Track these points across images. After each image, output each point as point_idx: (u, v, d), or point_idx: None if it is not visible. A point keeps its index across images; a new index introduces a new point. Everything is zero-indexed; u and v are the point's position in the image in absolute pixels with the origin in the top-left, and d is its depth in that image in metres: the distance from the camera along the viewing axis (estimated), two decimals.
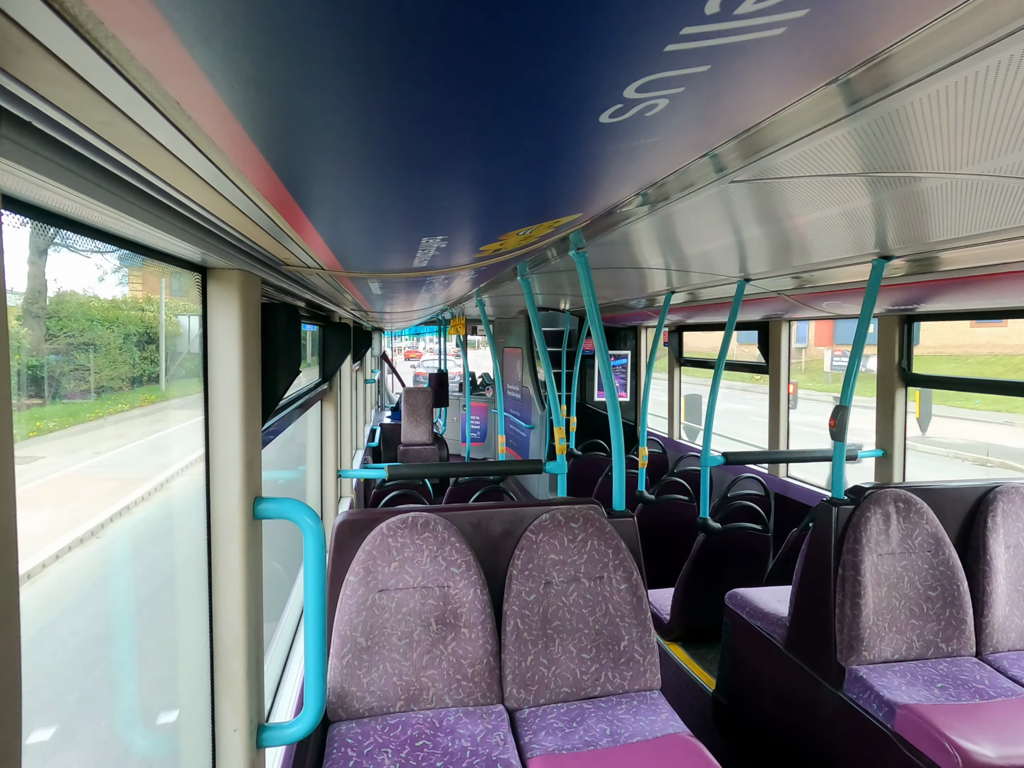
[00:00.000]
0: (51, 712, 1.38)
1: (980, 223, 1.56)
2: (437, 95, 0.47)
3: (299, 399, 2.30)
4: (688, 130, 0.71)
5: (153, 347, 1.62)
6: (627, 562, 2.09)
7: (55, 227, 0.69)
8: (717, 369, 3.50)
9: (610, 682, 2.00)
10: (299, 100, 0.47)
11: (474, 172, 0.72)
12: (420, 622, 1.93)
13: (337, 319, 3.32)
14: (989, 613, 2.29)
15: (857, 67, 0.68)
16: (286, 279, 1.49)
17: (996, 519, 2.35)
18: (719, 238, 2.07)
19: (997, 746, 1.75)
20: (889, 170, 1.17)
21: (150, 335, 1.58)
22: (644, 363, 6.53)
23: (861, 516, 2.26)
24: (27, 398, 1.16)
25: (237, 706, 1.23)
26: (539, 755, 1.70)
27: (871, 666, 2.16)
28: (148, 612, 1.79)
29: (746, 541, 3.27)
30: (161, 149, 0.56)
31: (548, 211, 1.03)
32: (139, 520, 1.76)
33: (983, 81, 0.76)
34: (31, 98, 0.43)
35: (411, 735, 1.76)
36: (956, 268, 2.15)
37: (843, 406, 2.38)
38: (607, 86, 0.49)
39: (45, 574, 1.35)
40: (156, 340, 1.60)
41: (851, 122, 0.92)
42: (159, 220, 0.74)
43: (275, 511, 1.29)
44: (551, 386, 3.20)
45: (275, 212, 0.83)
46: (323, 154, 0.61)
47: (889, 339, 3.36)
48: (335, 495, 3.45)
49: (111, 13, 0.34)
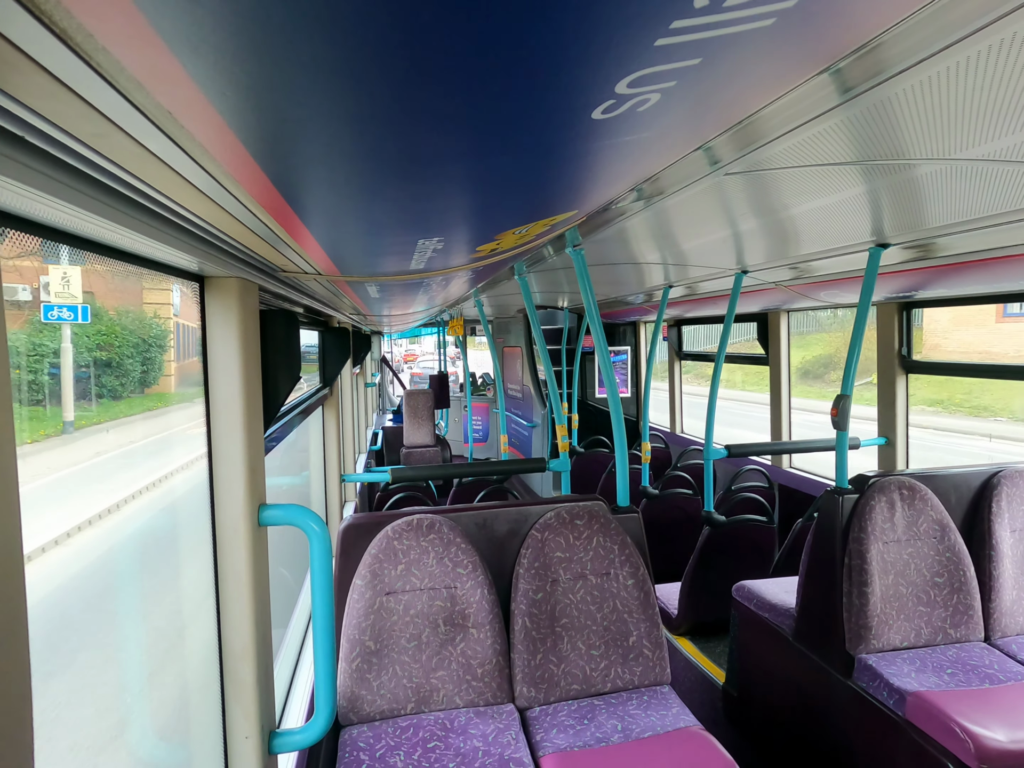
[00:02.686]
0: (61, 725, 1.38)
1: (975, 208, 1.56)
2: (428, 96, 0.47)
3: (300, 405, 2.30)
4: (681, 124, 0.71)
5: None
6: (633, 557, 2.09)
7: (50, 240, 0.69)
8: (717, 362, 3.49)
9: (620, 678, 2.00)
10: (290, 106, 0.47)
11: (468, 172, 0.72)
12: (428, 624, 1.93)
13: (336, 324, 3.32)
14: (996, 598, 2.29)
15: (848, 55, 0.68)
16: (284, 285, 1.49)
17: (1000, 503, 2.35)
18: (715, 231, 2.07)
19: (1008, 730, 1.75)
20: (883, 158, 1.17)
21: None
22: (644, 358, 6.53)
23: (866, 504, 2.26)
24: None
25: (248, 713, 1.23)
26: (551, 753, 1.70)
27: (880, 654, 2.16)
28: (157, 621, 1.79)
29: (751, 533, 3.27)
30: (154, 159, 0.56)
31: (543, 209, 1.03)
32: (138, 528, 1.76)
33: (974, 66, 0.76)
34: (22, 112, 0.43)
35: (423, 737, 1.76)
36: (953, 254, 2.15)
37: (844, 395, 2.38)
38: (599, 82, 0.49)
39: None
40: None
41: (844, 111, 0.92)
42: (155, 231, 0.74)
43: (280, 517, 1.29)
44: (552, 384, 3.19)
45: (270, 219, 0.83)
46: (316, 159, 0.61)
47: (888, 327, 3.35)
48: (339, 499, 3.45)
49: (100, 25, 0.34)
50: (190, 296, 1.22)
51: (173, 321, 1.68)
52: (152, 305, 1.60)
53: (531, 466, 3.17)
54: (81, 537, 1.35)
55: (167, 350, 1.69)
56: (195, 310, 1.21)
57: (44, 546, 1.28)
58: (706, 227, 2.01)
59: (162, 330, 1.64)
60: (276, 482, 3.42)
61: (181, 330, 1.71)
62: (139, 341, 1.53)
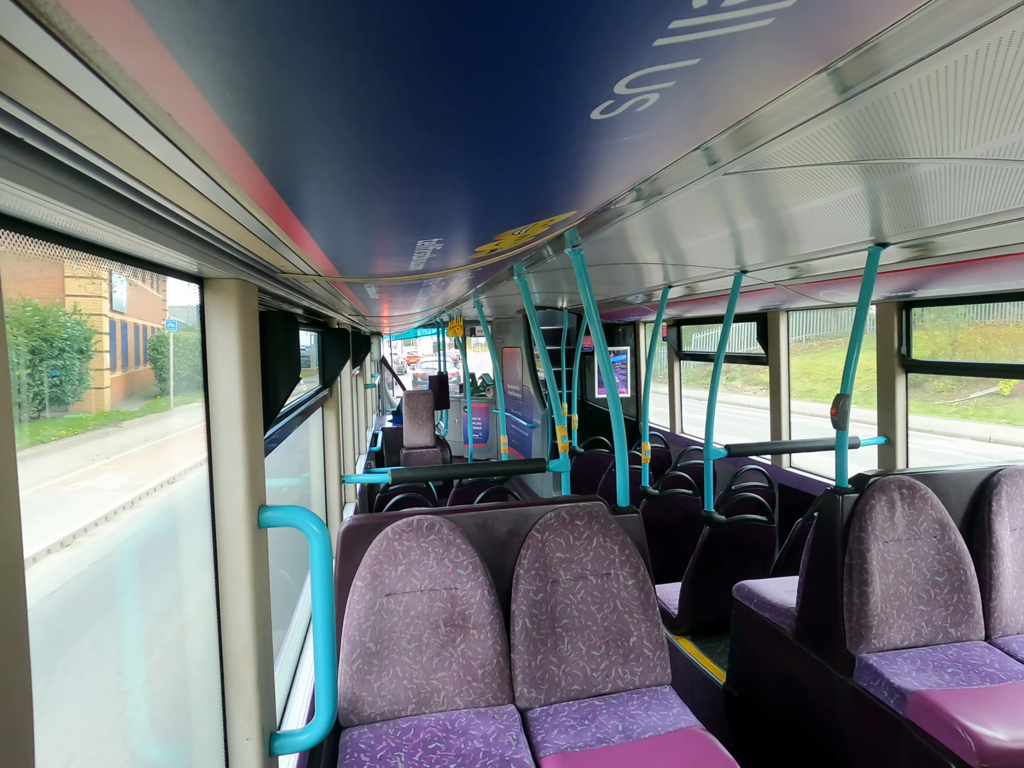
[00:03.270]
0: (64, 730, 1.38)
1: (974, 207, 1.56)
2: (427, 97, 0.47)
3: (300, 406, 2.30)
4: (680, 124, 0.71)
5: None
6: (633, 558, 2.09)
7: (50, 243, 0.69)
8: (717, 361, 3.50)
9: (620, 678, 2.00)
10: (289, 107, 0.47)
11: (467, 173, 0.72)
12: (429, 625, 1.93)
13: (335, 325, 3.32)
14: (997, 597, 2.29)
15: (846, 55, 0.68)
16: (283, 287, 1.49)
17: (1000, 502, 2.35)
18: (715, 231, 2.07)
19: (1010, 729, 1.75)
20: (882, 157, 1.17)
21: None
22: (644, 359, 6.54)
23: (866, 504, 2.26)
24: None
25: (249, 715, 1.23)
26: (552, 754, 1.70)
27: (881, 653, 2.16)
28: (157, 624, 1.79)
29: (751, 533, 3.27)
30: (154, 161, 0.56)
31: (542, 210, 1.03)
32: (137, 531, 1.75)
33: (972, 65, 0.76)
34: (21, 114, 0.43)
35: (423, 738, 1.76)
36: (952, 253, 2.15)
37: (844, 394, 2.38)
38: (597, 82, 0.49)
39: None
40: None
41: (842, 110, 0.92)
42: (154, 232, 0.74)
43: (280, 519, 1.29)
44: (551, 384, 3.19)
45: (270, 220, 0.83)
46: (316, 160, 0.61)
47: (888, 326, 3.36)
48: (339, 501, 3.45)
49: (100, 27, 0.34)
50: (146, 290, 1.08)
51: (109, 319, 1.38)
52: (75, 299, 1.27)
53: (531, 467, 3.17)
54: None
55: (91, 357, 1.35)
56: (150, 303, 1.12)
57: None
58: (705, 227, 2.01)
59: (85, 331, 1.31)
60: (276, 483, 3.43)
61: (127, 331, 1.44)
62: (41, 345, 1.19)
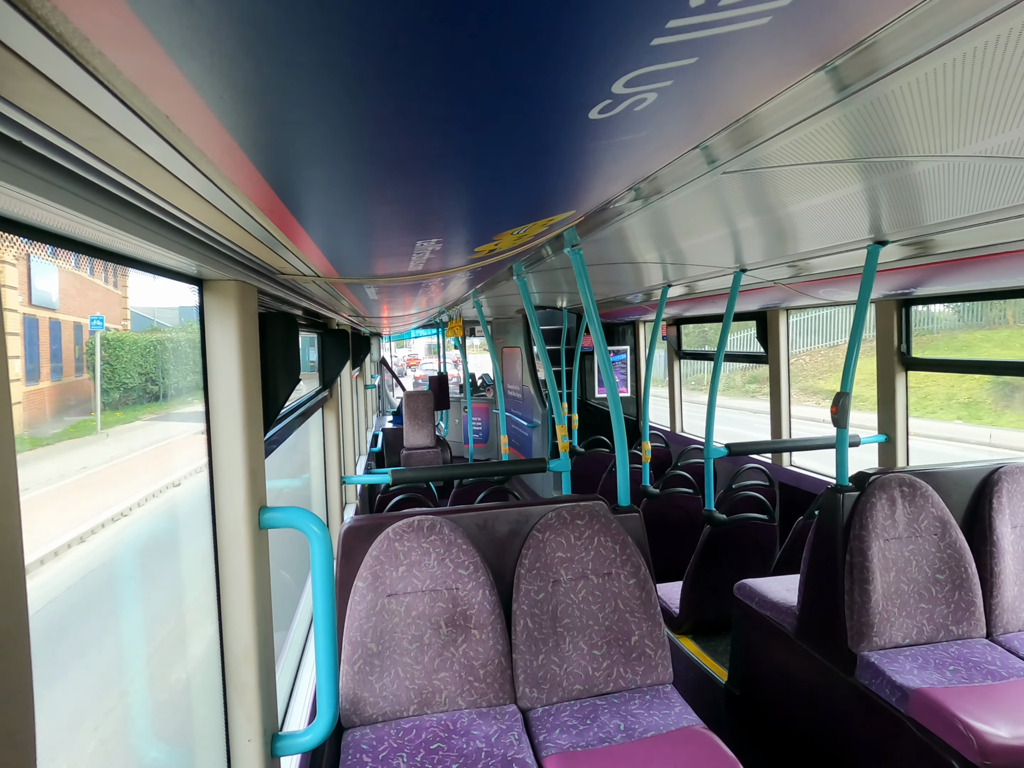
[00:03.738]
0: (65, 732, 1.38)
1: (973, 205, 1.56)
2: (425, 98, 0.47)
3: (300, 407, 2.30)
4: (678, 123, 0.71)
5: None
6: (634, 557, 2.09)
7: (49, 245, 0.69)
8: (717, 360, 3.50)
9: (622, 678, 2.00)
10: (287, 108, 0.47)
11: (466, 173, 0.72)
12: (430, 625, 1.93)
13: (335, 326, 3.32)
14: (998, 594, 2.29)
15: (844, 53, 0.68)
16: (283, 288, 1.49)
17: (1001, 500, 2.35)
18: (714, 230, 2.07)
19: (1012, 726, 1.75)
20: (880, 155, 1.17)
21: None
22: (643, 358, 6.54)
23: (866, 502, 2.26)
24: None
25: (250, 716, 1.23)
26: (554, 753, 1.70)
27: (882, 651, 2.16)
28: (157, 625, 1.79)
29: (752, 531, 3.26)
30: (152, 163, 0.56)
31: (541, 209, 1.03)
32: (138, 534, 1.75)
33: (970, 63, 0.76)
34: (19, 116, 0.43)
35: (425, 738, 1.76)
36: (951, 250, 2.15)
37: (844, 392, 2.38)
38: (595, 82, 0.49)
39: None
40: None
41: (841, 108, 0.92)
42: (153, 234, 0.74)
43: (281, 520, 1.29)
44: (551, 384, 3.19)
45: (269, 221, 0.83)
46: (314, 161, 0.61)
47: (887, 324, 3.36)
48: (340, 502, 3.45)
49: (96, 29, 0.34)
50: (94, 283, 0.94)
51: (22, 315, 1.19)
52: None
53: (531, 466, 3.17)
54: None
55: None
56: (102, 299, 1.04)
57: None
58: (704, 226, 2.01)
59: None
60: (276, 485, 3.43)
61: (60, 331, 1.25)
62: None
